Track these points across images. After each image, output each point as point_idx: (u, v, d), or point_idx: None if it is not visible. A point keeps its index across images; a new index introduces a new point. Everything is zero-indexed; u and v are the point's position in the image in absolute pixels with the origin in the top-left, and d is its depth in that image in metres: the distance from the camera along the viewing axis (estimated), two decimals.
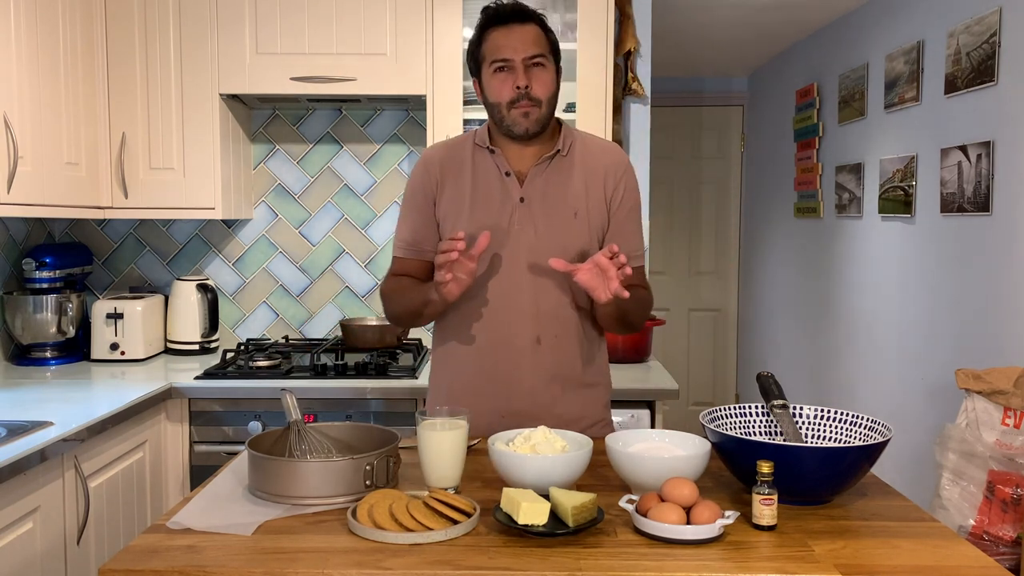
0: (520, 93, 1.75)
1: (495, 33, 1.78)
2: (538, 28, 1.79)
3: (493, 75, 1.78)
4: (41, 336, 2.81)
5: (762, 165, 5.32)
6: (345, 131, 3.18)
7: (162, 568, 1.16)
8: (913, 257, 3.36)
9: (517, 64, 1.75)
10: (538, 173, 1.82)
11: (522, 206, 1.81)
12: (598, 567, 1.17)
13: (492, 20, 1.79)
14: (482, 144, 1.85)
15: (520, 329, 1.81)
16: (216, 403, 2.55)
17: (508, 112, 1.77)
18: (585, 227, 1.82)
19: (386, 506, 1.29)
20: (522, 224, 1.80)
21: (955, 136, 3.03)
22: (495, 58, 1.76)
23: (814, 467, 1.36)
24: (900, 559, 1.21)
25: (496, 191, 1.82)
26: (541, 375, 1.82)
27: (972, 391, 2.55)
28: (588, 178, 1.84)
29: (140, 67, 2.77)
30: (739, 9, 3.93)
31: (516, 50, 1.75)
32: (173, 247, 3.19)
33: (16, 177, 2.23)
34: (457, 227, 1.82)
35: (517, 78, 1.75)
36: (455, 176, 1.86)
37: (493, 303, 1.81)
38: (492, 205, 1.82)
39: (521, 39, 1.75)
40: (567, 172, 1.84)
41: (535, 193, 1.81)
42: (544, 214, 1.81)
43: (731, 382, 5.80)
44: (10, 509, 1.75)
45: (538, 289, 1.80)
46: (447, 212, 1.85)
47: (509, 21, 1.77)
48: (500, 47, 1.76)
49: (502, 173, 1.82)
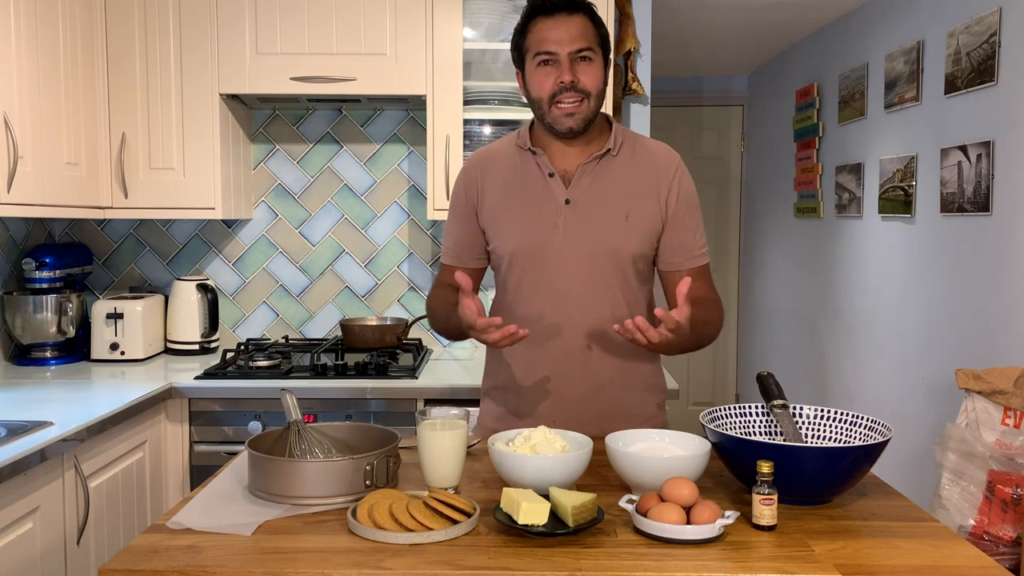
0: (564, 86, 1.67)
1: (541, 24, 1.69)
2: (586, 19, 1.70)
3: (537, 68, 1.70)
4: (41, 336, 2.81)
5: (762, 165, 5.32)
6: (345, 131, 3.18)
7: (162, 568, 1.16)
8: (913, 257, 3.36)
9: (563, 58, 1.67)
10: (585, 173, 1.75)
11: (568, 208, 1.74)
12: (598, 567, 1.17)
13: (538, 10, 1.70)
14: (523, 145, 1.79)
15: (569, 335, 1.76)
16: (216, 403, 2.55)
17: (550, 108, 1.71)
18: (637, 230, 1.75)
19: (386, 506, 1.29)
20: (568, 227, 1.74)
21: (955, 136, 3.03)
22: (540, 50, 1.69)
23: (814, 467, 1.36)
24: (900, 559, 1.21)
25: (539, 194, 1.76)
26: (590, 382, 1.78)
27: (972, 391, 2.55)
28: (640, 179, 1.77)
29: (140, 67, 2.77)
30: (739, 9, 3.93)
31: (562, 43, 1.67)
32: (173, 247, 3.19)
33: (16, 177, 2.23)
34: (501, 233, 1.78)
35: (562, 72, 1.67)
36: (497, 181, 1.80)
37: (542, 309, 1.76)
38: (536, 209, 1.76)
39: (568, 31, 1.67)
40: (617, 172, 1.76)
41: (582, 194, 1.75)
42: (593, 216, 1.74)
43: (731, 382, 5.80)
44: (10, 509, 1.75)
45: (588, 293, 1.75)
46: (490, 218, 1.80)
47: (556, 11, 1.68)
48: (545, 39, 1.68)
49: (545, 174, 1.76)
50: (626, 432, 1.54)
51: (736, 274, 5.72)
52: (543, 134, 1.79)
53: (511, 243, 1.78)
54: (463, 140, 2.81)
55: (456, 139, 2.77)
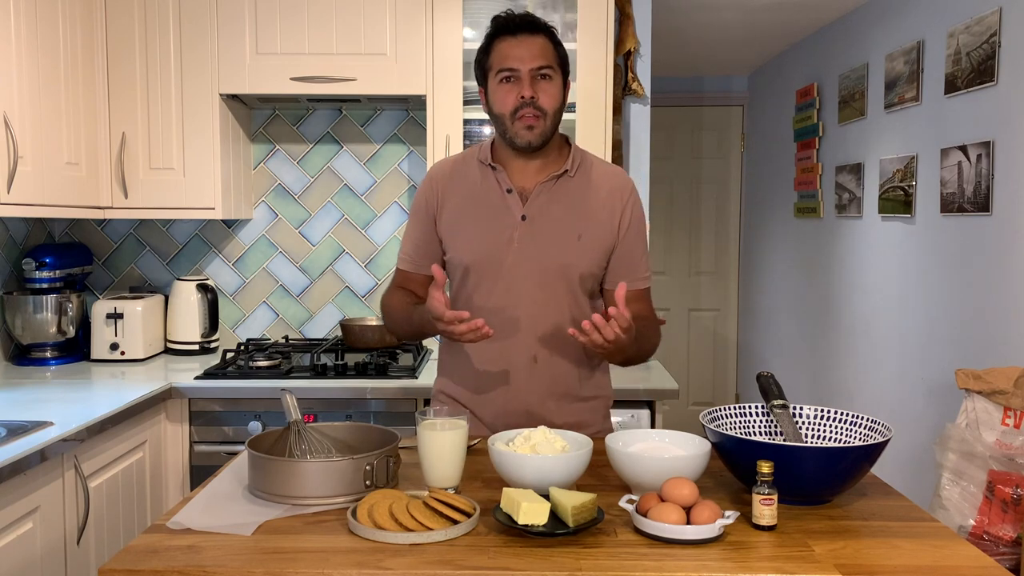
0: (524, 102, 1.73)
1: (503, 43, 1.76)
2: (547, 40, 1.77)
3: (499, 85, 1.76)
4: (41, 336, 2.81)
5: (762, 165, 5.32)
6: (345, 131, 3.18)
7: (162, 568, 1.16)
8: (913, 257, 3.36)
9: (524, 74, 1.73)
10: (543, 191, 1.80)
11: (524, 224, 1.79)
12: (598, 567, 1.17)
13: (501, 29, 1.77)
14: (484, 160, 1.83)
15: (517, 347, 1.80)
16: (216, 403, 2.55)
17: (512, 123, 1.75)
18: (588, 249, 1.80)
19: (386, 506, 1.29)
20: (523, 243, 1.78)
21: (955, 136, 3.03)
22: (501, 67, 1.75)
23: (814, 467, 1.36)
24: (900, 559, 1.21)
25: (497, 208, 1.80)
26: (537, 393, 1.82)
27: (972, 391, 2.55)
28: (594, 200, 1.82)
29: (140, 67, 2.77)
30: (739, 9, 3.93)
31: (523, 60, 1.73)
32: (173, 247, 3.19)
33: (16, 177, 2.23)
34: (458, 244, 1.82)
35: (523, 88, 1.73)
36: (457, 192, 1.84)
37: (491, 319, 1.77)
38: (492, 222, 1.80)
39: (529, 49, 1.73)
40: (573, 193, 1.81)
41: (538, 212, 1.79)
42: (547, 234, 1.78)
43: (731, 382, 5.80)
44: (10, 509, 1.75)
45: (537, 308, 1.79)
46: (448, 228, 1.84)
47: (518, 31, 1.75)
48: (507, 56, 1.74)
49: (503, 190, 1.80)
50: (626, 432, 1.54)
51: (736, 274, 5.72)
52: (503, 151, 1.83)
53: (467, 253, 1.82)
54: (463, 140, 2.81)
55: (456, 139, 2.77)
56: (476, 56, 1.83)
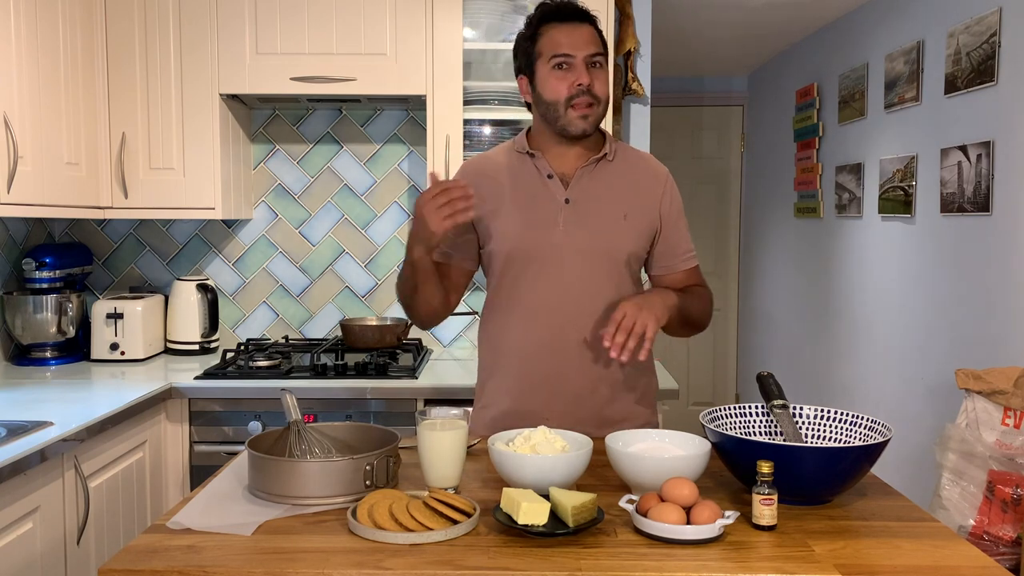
0: (581, 89, 1.72)
1: (554, 29, 1.74)
2: (594, 29, 1.77)
3: (551, 71, 1.74)
4: (41, 336, 2.81)
5: (762, 165, 5.32)
6: (345, 131, 3.18)
7: (162, 568, 1.16)
8: (913, 257, 3.36)
9: (579, 62, 1.72)
10: (583, 175, 1.80)
11: (568, 207, 1.79)
12: (598, 567, 1.17)
13: (551, 16, 1.76)
14: (521, 150, 1.83)
15: (568, 331, 1.78)
16: (216, 403, 2.55)
17: (565, 111, 1.74)
18: (634, 230, 1.81)
19: (386, 506, 1.29)
20: (568, 225, 1.78)
21: (955, 136, 3.03)
22: (556, 53, 1.73)
23: (814, 467, 1.36)
24: (900, 559, 1.21)
25: (539, 193, 1.80)
26: (588, 377, 1.80)
27: (972, 391, 2.55)
28: (635, 183, 1.84)
29: (140, 67, 2.77)
30: (739, 9, 3.93)
31: (577, 47, 1.72)
32: (173, 247, 3.19)
33: (16, 177, 2.23)
34: (499, 233, 1.80)
35: (579, 76, 1.72)
36: (492, 184, 1.82)
37: (540, 306, 1.79)
38: (535, 208, 1.80)
39: (582, 36, 1.74)
40: (613, 176, 1.83)
41: (581, 194, 1.80)
42: (593, 215, 1.79)
43: (731, 382, 5.80)
44: (10, 509, 1.75)
45: (586, 290, 1.78)
46: (486, 218, 1.81)
47: (569, 19, 1.75)
48: (560, 43, 1.73)
49: (544, 176, 1.80)
50: (626, 432, 1.54)
51: (736, 274, 5.72)
52: (541, 138, 1.83)
53: (510, 241, 1.80)
54: (463, 140, 2.81)
55: (456, 139, 2.77)
56: (517, 43, 1.81)
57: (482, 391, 1.92)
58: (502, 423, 1.81)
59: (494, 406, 1.86)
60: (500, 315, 1.83)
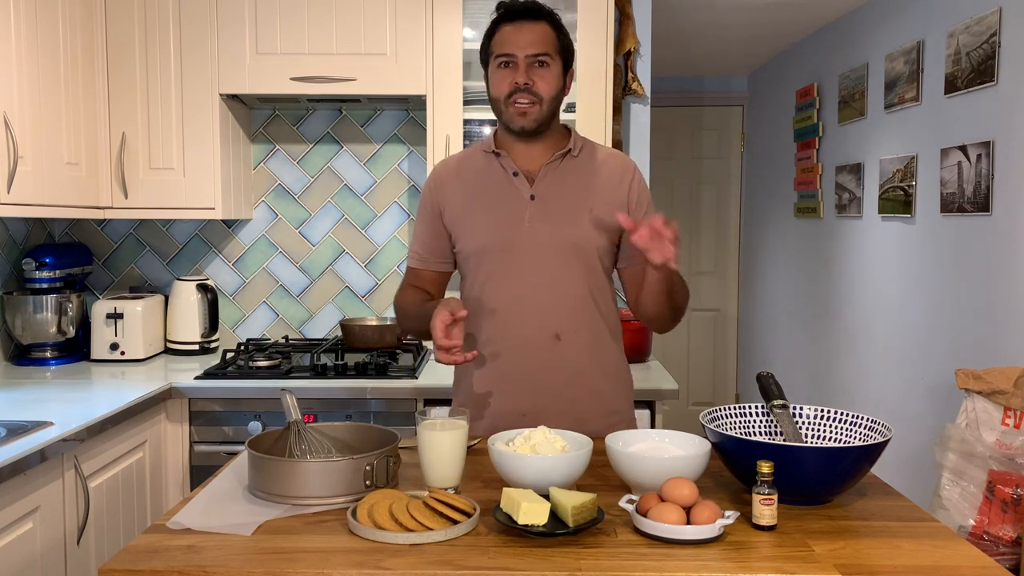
0: (518, 87, 1.76)
1: (504, 29, 1.80)
2: (548, 26, 1.79)
3: (496, 70, 1.80)
4: (41, 336, 2.81)
5: (762, 165, 5.32)
6: (345, 131, 3.18)
7: (162, 568, 1.16)
8: (913, 257, 3.36)
9: (519, 60, 1.76)
10: (549, 171, 1.83)
11: (534, 203, 1.81)
12: (598, 567, 1.17)
13: (503, 16, 1.81)
14: (488, 149, 1.86)
15: (539, 326, 1.81)
16: (216, 403, 2.55)
17: (506, 108, 1.79)
18: (602, 224, 1.82)
19: (386, 506, 1.29)
20: (535, 221, 1.80)
21: (955, 136, 3.03)
22: (499, 52, 1.78)
23: (814, 467, 1.36)
24: (900, 559, 1.21)
25: (505, 191, 1.83)
26: (561, 372, 1.82)
27: (972, 391, 2.55)
28: (600, 177, 1.85)
29: (140, 67, 2.77)
30: (739, 9, 3.93)
31: (520, 46, 1.76)
32: (173, 247, 3.19)
33: (16, 177, 2.23)
34: (468, 232, 1.84)
35: (517, 75, 1.76)
36: (460, 184, 1.87)
37: (510, 302, 1.81)
38: (502, 205, 1.83)
39: (527, 36, 1.77)
40: (578, 171, 1.85)
41: (546, 190, 1.82)
42: (559, 210, 1.81)
43: (731, 382, 5.80)
44: (10, 509, 1.75)
45: (556, 285, 1.81)
46: (455, 219, 1.87)
47: (518, 17, 1.78)
48: (505, 42, 1.78)
49: (509, 174, 1.83)
50: (626, 432, 1.54)
51: (736, 274, 5.72)
52: (506, 138, 1.86)
53: (478, 239, 1.84)
54: (463, 140, 2.81)
55: (456, 139, 2.77)
56: (482, 41, 1.86)
57: (457, 389, 1.94)
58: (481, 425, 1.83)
59: (469, 405, 1.86)
60: (472, 314, 1.83)
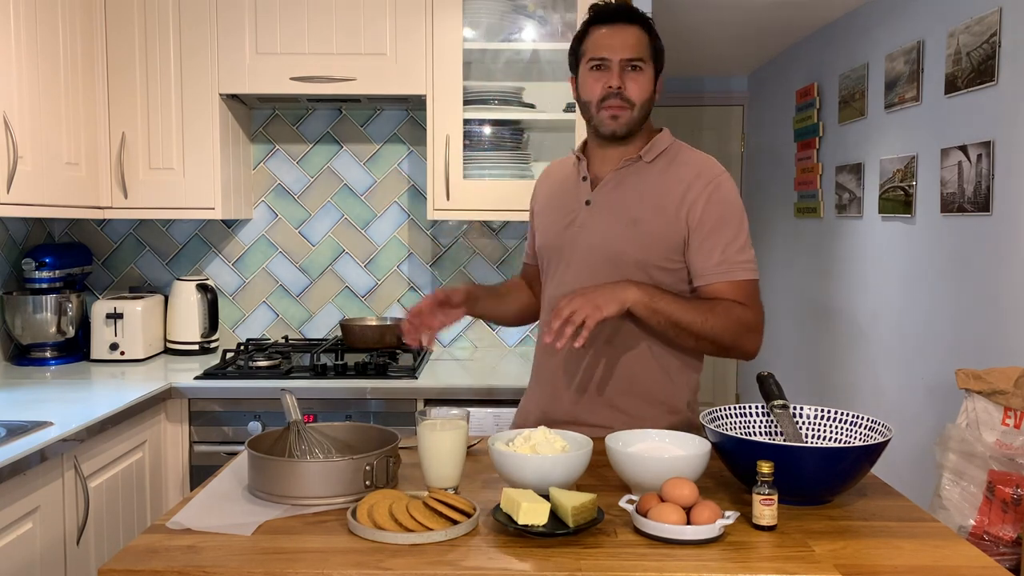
0: (611, 92, 1.74)
1: (597, 31, 1.77)
2: (641, 30, 1.77)
3: (588, 72, 1.78)
4: (41, 336, 2.80)
5: (762, 165, 5.32)
6: (345, 131, 3.18)
7: (162, 568, 1.16)
8: (913, 257, 3.36)
9: (613, 64, 1.74)
10: (614, 178, 1.80)
11: (587, 209, 1.81)
12: (598, 567, 1.16)
13: (597, 17, 1.79)
14: (574, 153, 1.90)
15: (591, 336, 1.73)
16: (216, 403, 2.54)
17: (597, 111, 1.77)
18: (645, 236, 1.73)
19: (386, 506, 1.29)
20: (583, 227, 1.81)
21: (955, 136, 3.03)
22: (593, 55, 1.76)
23: (814, 467, 1.36)
24: (900, 559, 1.21)
25: (571, 195, 1.86)
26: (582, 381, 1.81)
27: (972, 391, 2.55)
28: (665, 189, 1.75)
29: (140, 67, 2.77)
30: (739, 9, 3.93)
31: (615, 50, 1.74)
32: (173, 247, 3.19)
33: (16, 177, 2.23)
34: (539, 230, 1.94)
35: (611, 78, 1.74)
36: (547, 185, 1.96)
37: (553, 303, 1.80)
38: (562, 208, 1.86)
39: (622, 39, 1.75)
40: (644, 180, 1.77)
41: (603, 197, 1.80)
42: (604, 219, 1.78)
43: (731, 382, 5.80)
44: (10, 509, 1.75)
45: None
46: (536, 217, 1.97)
47: (613, 20, 1.77)
48: (599, 45, 1.76)
49: (580, 177, 1.85)
50: (626, 432, 1.54)
51: None
52: (591, 141, 1.87)
53: (541, 239, 1.93)
54: (463, 140, 2.81)
55: (456, 139, 2.77)
56: (571, 43, 1.84)
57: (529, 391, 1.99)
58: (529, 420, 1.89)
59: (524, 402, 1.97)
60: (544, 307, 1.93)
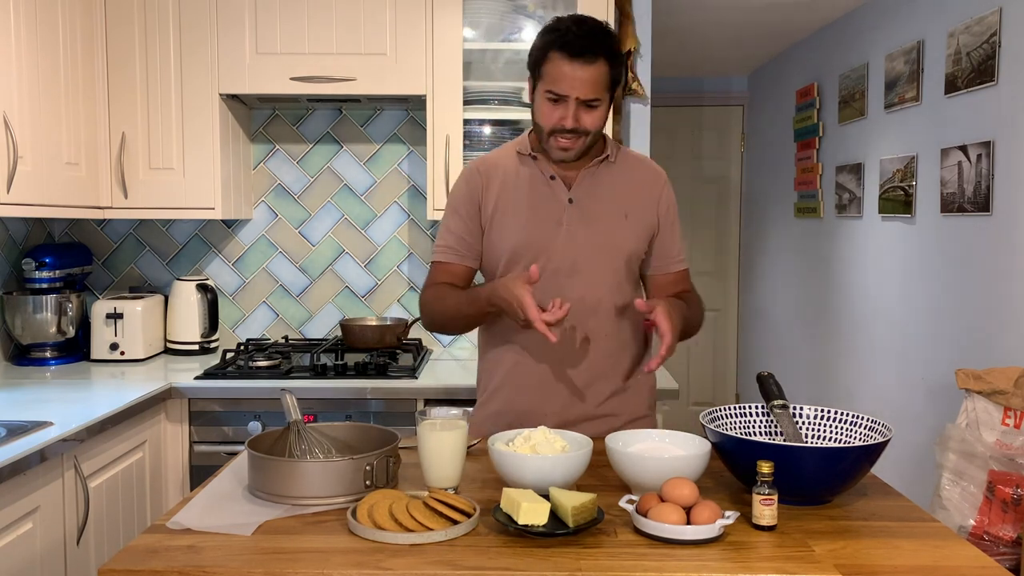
0: (564, 127, 1.73)
1: (560, 61, 1.69)
2: (604, 64, 1.70)
3: (545, 100, 1.75)
4: (41, 336, 2.80)
5: (762, 165, 5.32)
6: (345, 131, 3.18)
7: (162, 568, 1.16)
8: (913, 257, 3.36)
9: (571, 101, 1.72)
10: (586, 176, 1.85)
11: (571, 207, 1.83)
12: (598, 567, 1.17)
13: (562, 46, 1.70)
14: (524, 151, 1.87)
15: (568, 329, 1.82)
16: (216, 403, 2.54)
17: (548, 139, 1.78)
18: (635, 229, 1.86)
19: (386, 506, 1.29)
20: (572, 225, 1.82)
21: (955, 136, 3.03)
22: (551, 88, 1.72)
23: (814, 467, 1.36)
24: (900, 559, 1.21)
25: (542, 194, 1.85)
26: (589, 373, 1.84)
27: (972, 391, 2.55)
28: (635, 183, 1.89)
29: (140, 67, 2.77)
30: (739, 9, 3.93)
31: (574, 88, 1.70)
32: (173, 247, 3.19)
33: (16, 177, 2.23)
34: (502, 233, 1.85)
35: (566, 117, 1.72)
36: (500, 182, 1.87)
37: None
38: (539, 208, 1.84)
39: (583, 79, 1.69)
40: (614, 177, 1.87)
41: (584, 195, 1.84)
42: (596, 215, 1.84)
43: (731, 382, 5.80)
44: (10, 509, 1.75)
45: (587, 288, 1.82)
46: (495, 217, 1.85)
47: (578, 55, 1.68)
48: (558, 79, 1.70)
49: (546, 177, 1.85)
50: (626, 432, 1.54)
51: (736, 274, 5.72)
52: None
53: (512, 239, 1.84)
54: (463, 140, 2.81)
55: (456, 139, 2.77)
56: (531, 50, 1.79)
57: (484, 389, 1.94)
58: (503, 420, 1.83)
59: (493, 403, 1.89)
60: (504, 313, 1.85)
